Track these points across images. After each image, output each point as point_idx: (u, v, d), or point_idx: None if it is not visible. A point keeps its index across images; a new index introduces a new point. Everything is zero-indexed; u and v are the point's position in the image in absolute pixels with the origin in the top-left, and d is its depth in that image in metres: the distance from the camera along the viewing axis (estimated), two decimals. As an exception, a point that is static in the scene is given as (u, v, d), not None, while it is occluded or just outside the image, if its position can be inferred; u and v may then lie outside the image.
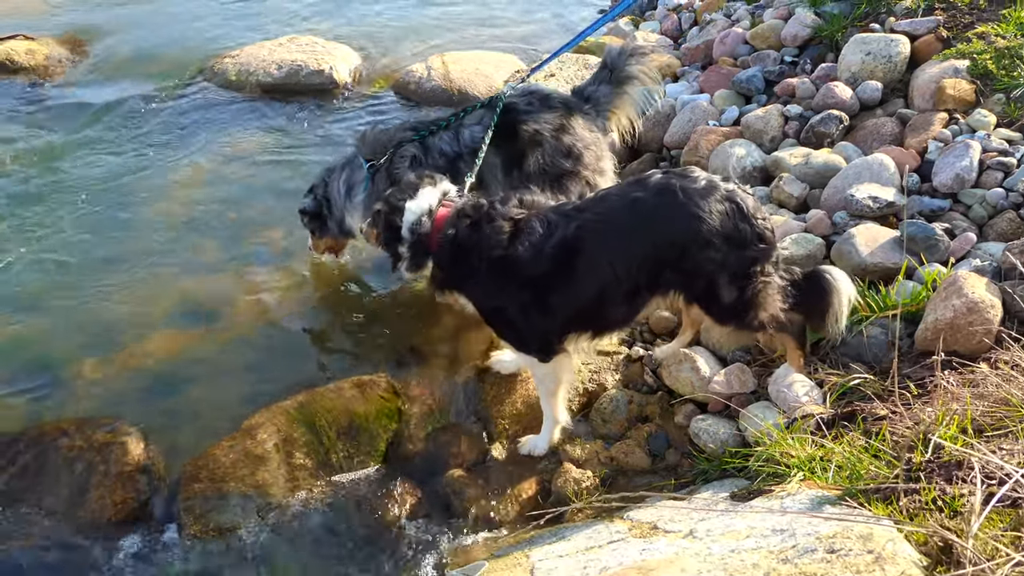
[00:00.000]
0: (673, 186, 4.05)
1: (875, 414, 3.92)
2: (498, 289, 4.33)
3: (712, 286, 4.16)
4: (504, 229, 4.21)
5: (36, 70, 8.69)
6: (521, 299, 4.29)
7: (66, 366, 5.19)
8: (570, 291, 4.22)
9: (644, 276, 4.18)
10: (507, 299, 4.35)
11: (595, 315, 4.35)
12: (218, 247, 6.19)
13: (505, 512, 4.48)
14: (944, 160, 5.23)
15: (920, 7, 6.48)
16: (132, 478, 4.55)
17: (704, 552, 3.09)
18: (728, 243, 4.04)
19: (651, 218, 4.09)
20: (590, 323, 4.40)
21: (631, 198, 4.14)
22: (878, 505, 3.11)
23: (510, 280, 4.25)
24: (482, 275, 4.29)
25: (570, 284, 4.20)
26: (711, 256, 4.05)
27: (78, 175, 7.04)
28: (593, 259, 4.15)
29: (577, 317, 4.35)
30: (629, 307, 4.34)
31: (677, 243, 4.08)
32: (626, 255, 4.14)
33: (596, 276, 4.18)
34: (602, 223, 4.13)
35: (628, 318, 4.50)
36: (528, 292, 4.25)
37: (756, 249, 4.11)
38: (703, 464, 4.39)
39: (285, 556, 4.33)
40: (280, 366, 5.22)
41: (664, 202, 4.06)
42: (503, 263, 4.20)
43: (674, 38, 8.59)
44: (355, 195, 5.39)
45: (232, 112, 7.96)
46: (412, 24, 9.76)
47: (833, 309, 4.24)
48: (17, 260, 6.05)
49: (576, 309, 4.30)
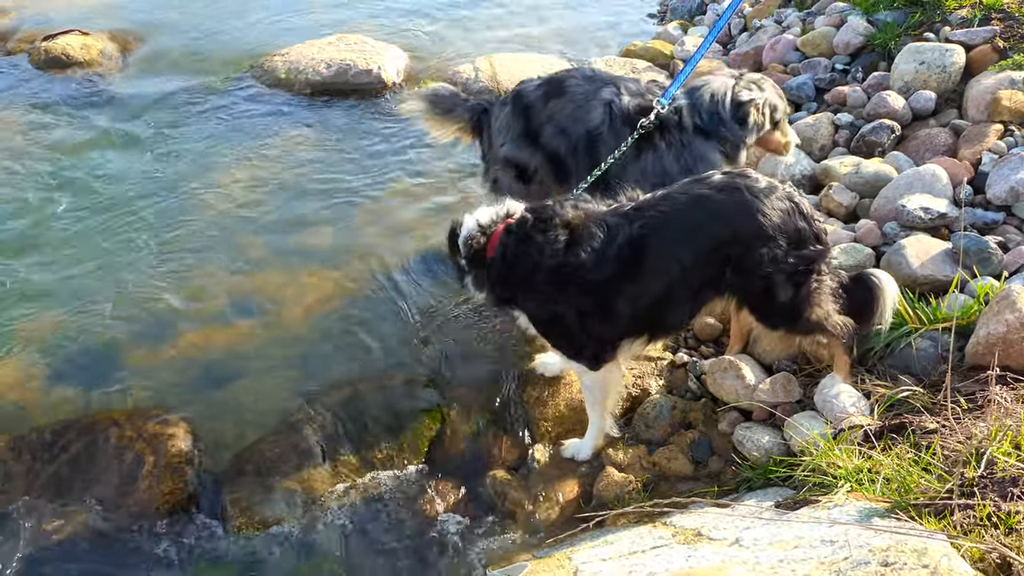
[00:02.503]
0: (738, 184, 4.10)
1: (925, 427, 3.87)
2: (554, 297, 4.27)
3: (770, 285, 4.18)
4: (559, 237, 4.17)
5: (90, 65, 8.82)
6: (580, 306, 4.26)
7: (117, 357, 5.28)
8: (636, 292, 4.21)
9: (709, 272, 4.21)
10: (564, 307, 4.29)
11: (657, 316, 4.36)
12: (266, 243, 6.26)
13: (546, 514, 4.48)
14: (999, 172, 5.17)
15: (976, 17, 6.39)
16: (180, 469, 4.61)
17: (752, 561, 3.07)
18: (789, 240, 4.09)
19: (718, 214, 4.12)
20: (651, 325, 4.40)
21: (696, 195, 4.15)
22: (929, 519, 3.08)
23: (568, 287, 4.21)
24: (538, 284, 4.23)
25: (636, 284, 4.19)
26: (773, 253, 4.08)
27: (128, 169, 7.16)
28: (660, 256, 4.16)
29: (639, 319, 4.33)
30: (691, 307, 4.38)
31: (742, 239, 4.10)
32: (694, 251, 4.16)
33: (663, 274, 4.20)
34: (668, 220, 4.14)
35: (686, 319, 4.55)
36: (588, 298, 4.23)
37: (814, 249, 4.17)
38: (746, 472, 4.36)
39: (328, 551, 4.36)
40: (326, 362, 5.27)
41: (730, 199, 4.09)
42: (560, 270, 4.16)
43: (723, 43, 8.55)
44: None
45: (282, 110, 8.03)
46: (460, 24, 9.79)
47: (879, 308, 4.32)
48: (69, 252, 6.16)
49: (641, 310, 4.28)
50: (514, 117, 5.29)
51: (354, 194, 6.80)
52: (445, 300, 5.74)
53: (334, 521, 4.48)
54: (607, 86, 5.12)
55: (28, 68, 8.82)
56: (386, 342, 5.50)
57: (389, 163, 7.22)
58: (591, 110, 5.07)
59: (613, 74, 5.45)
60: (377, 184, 6.93)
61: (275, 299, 5.73)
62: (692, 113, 4.98)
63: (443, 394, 5.08)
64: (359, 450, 4.77)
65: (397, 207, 6.63)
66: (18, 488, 4.56)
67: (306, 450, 4.72)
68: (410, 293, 5.84)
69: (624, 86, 5.12)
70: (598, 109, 5.06)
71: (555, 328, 4.43)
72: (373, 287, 5.88)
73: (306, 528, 4.45)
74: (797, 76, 6.96)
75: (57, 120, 7.83)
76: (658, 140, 4.98)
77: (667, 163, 4.98)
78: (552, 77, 5.35)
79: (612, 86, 5.12)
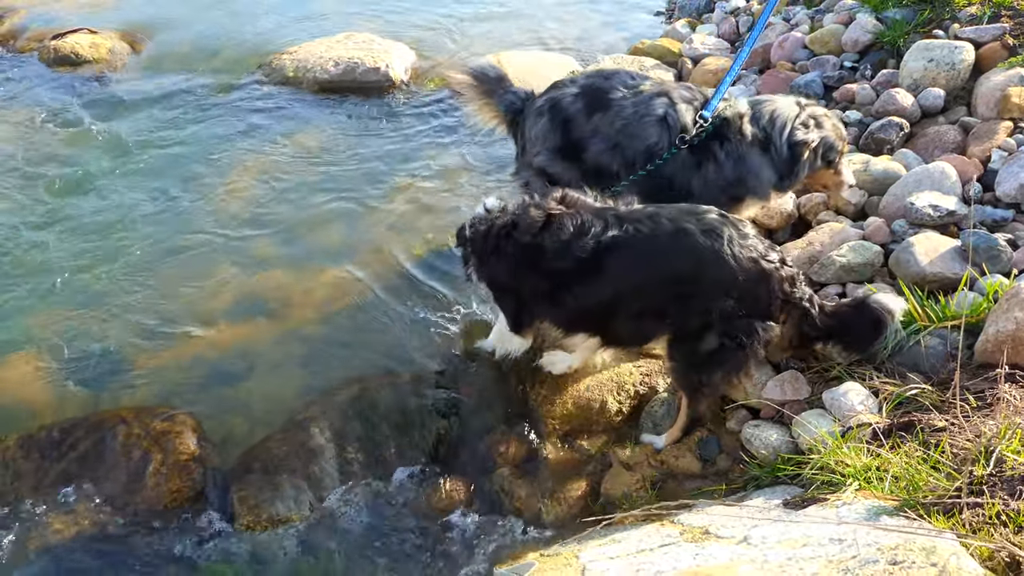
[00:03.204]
0: (722, 233, 4.19)
1: (933, 425, 3.85)
2: (514, 270, 4.59)
3: (702, 334, 4.30)
4: (535, 221, 4.44)
5: (99, 63, 8.85)
6: (534, 285, 4.56)
7: (124, 355, 5.30)
8: (583, 292, 4.44)
9: (656, 302, 4.38)
10: (520, 281, 4.62)
11: (602, 323, 4.58)
12: (274, 241, 6.28)
13: (554, 512, 4.48)
14: (1008, 170, 5.15)
15: (985, 14, 6.36)
16: (187, 467, 4.63)
17: (760, 559, 3.07)
18: (741, 304, 4.20)
19: (690, 253, 4.21)
20: (597, 329, 4.62)
21: (680, 227, 4.25)
22: (938, 518, 3.07)
23: (527, 264, 4.50)
24: (504, 255, 4.55)
25: (585, 285, 4.42)
26: (721, 307, 4.21)
27: (136, 168, 7.17)
28: (617, 268, 4.34)
29: (584, 319, 4.60)
30: (637, 328, 4.54)
31: (700, 283, 4.24)
32: (650, 276, 4.36)
33: (613, 285, 4.41)
34: (641, 238, 4.28)
35: (636, 340, 4.70)
36: (543, 281, 4.51)
37: (760, 322, 4.24)
38: (754, 470, 4.35)
39: (335, 549, 4.37)
40: (334, 360, 5.28)
41: (708, 244, 4.18)
42: (526, 249, 4.45)
43: (731, 41, 8.51)
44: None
45: (289, 108, 8.04)
46: (468, 22, 9.78)
47: (883, 335, 4.37)
48: (76, 250, 6.18)
49: (585, 311, 4.53)
50: (551, 129, 5.23)
51: (362, 192, 6.80)
52: (453, 298, 5.73)
53: (342, 519, 4.50)
54: (658, 97, 5.08)
55: (38, 66, 8.85)
56: (394, 340, 5.50)
57: (397, 161, 7.22)
58: (646, 127, 5.04)
59: (656, 80, 5.36)
60: (385, 182, 6.93)
61: (283, 297, 5.74)
62: (752, 123, 5.01)
63: (451, 392, 5.08)
64: (367, 448, 4.78)
65: (405, 205, 6.63)
66: (27, 486, 4.59)
67: (314, 448, 4.73)
68: (418, 291, 5.84)
69: (676, 95, 5.08)
70: (653, 126, 5.03)
71: (506, 297, 4.79)
72: (381, 285, 5.88)
73: (314, 526, 4.47)
74: (805, 74, 6.93)
75: (66, 118, 7.85)
76: (717, 150, 5.01)
77: (727, 172, 5.03)
78: (590, 86, 5.25)
79: (664, 97, 5.07)
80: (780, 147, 4.97)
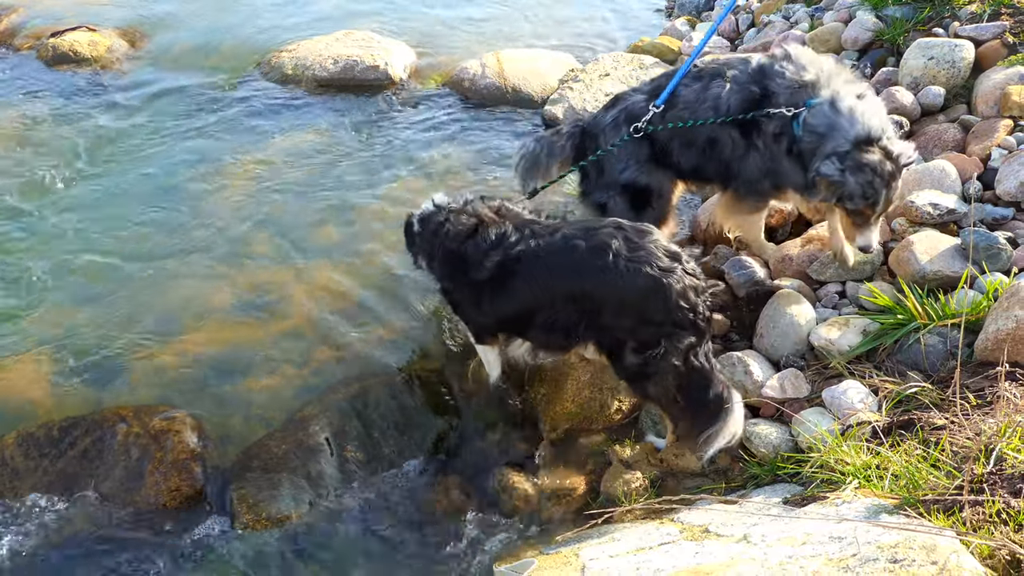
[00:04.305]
0: (610, 246, 4.13)
1: (933, 424, 3.85)
2: (446, 272, 4.69)
3: (618, 347, 4.32)
4: (466, 226, 4.53)
5: (98, 61, 8.82)
6: (461, 287, 4.64)
7: (124, 353, 5.29)
8: (496, 300, 4.50)
9: (563, 317, 4.37)
10: (450, 283, 4.73)
11: (520, 331, 4.65)
12: (272, 239, 6.25)
13: (554, 510, 4.49)
14: (1008, 168, 5.14)
15: (986, 12, 6.35)
16: (187, 466, 4.63)
17: (760, 557, 3.06)
18: (642, 317, 4.16)
19: (576, 269, 4.24)
20: (520, 334, 4.68)
21: (571, 244, 4.25)
22: (938, 516, 3.07)
23: (454, 268, 4.60)
24: (439, 258, 4.67)
25: (497, 294, 4.47)
26: (622, 323, 4.22)
27: (135, 167, 7.14)
28: (522, 281, 4.37)
29: (504, 324, 4.68)
30: (553, 338, 4.54)
31: (595, 299, 4.23)
32: (548, 292, 4.35)
33: (518, 298, 4.45)
34: (541, 253, 4.32)
35: (559, 346, 4.67)
36: (466, 285, 4.58)
37: (670, 330, 4.15)
38: (754, 468, 4.36)
39: (335, 547, 4.38)
40: (333, 358, 5.27)
41: (591, 259, 4.17)
42: (453, 254, 4.54)
43: (731, 39, 8.51)
44: None
45: (288, 106, 8.01)
46: (467, 20, 9.76)
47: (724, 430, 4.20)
48: (75, 249, 6.16)
49: (502, 317, 4.61)
50: (637, 144, 5.06)
51: (361, 190, 6.78)
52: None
53: (341, 517, 4.51)
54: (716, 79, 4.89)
55: (36, 64, 8.81)
56: (393, 338, 5.49)
57: (396, 159, 7.20)
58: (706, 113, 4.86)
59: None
60: (384, 180, 6.91)
61: (282, 295, 5.73)
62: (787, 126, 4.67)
63: (451, 391, 5.08)
64: (366, 446, 4.79)
65: (404, 203, 6.59)
66: (27, 483, 4.58)
67: (313, 446, 4.73)
68: (417, 289, 5.81)
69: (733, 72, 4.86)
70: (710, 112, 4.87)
71: (445, 296, 4.90)
72: (380, 283, 5.87)
73: (313, 524, 4.47)
74: (805, 72, 6.91)
75: (64, 117, 7.82)
76: (755, 138, 4.79)
77: (764, 161, 4.82)
78: (658, 87, 5.08)
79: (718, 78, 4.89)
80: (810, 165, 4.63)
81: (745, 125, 4.77)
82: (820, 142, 4.56)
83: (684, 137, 4.94)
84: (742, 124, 4.77)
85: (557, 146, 5.35)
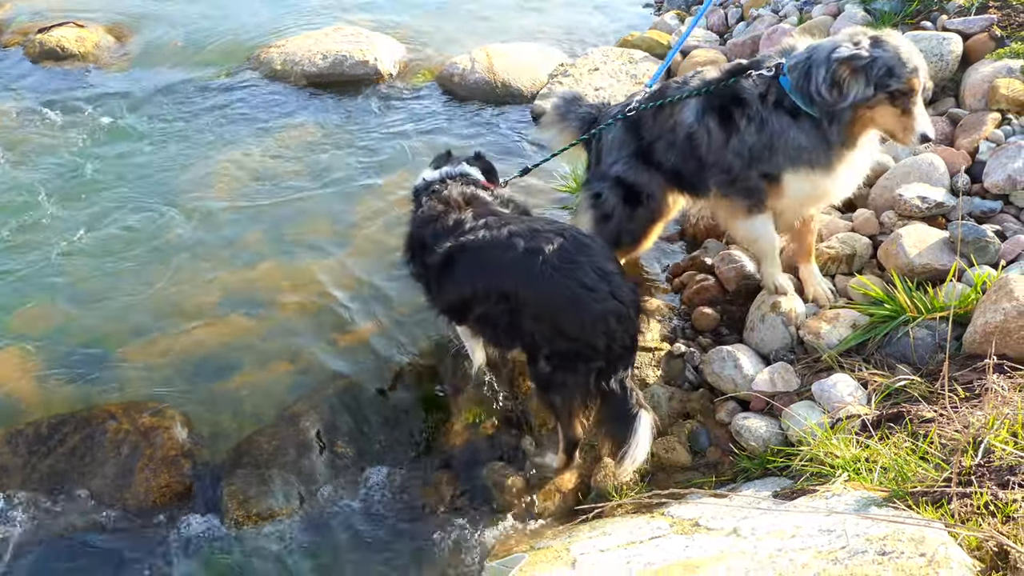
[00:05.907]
0: (541, 250, 4.06)
1: (922, 416, 3.86)
2: (414, 253, 4.68)
3: (532, 352, 4.29)
4: (433, 210, 4.52)
5: (85, 57, 8.81)
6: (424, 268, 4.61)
7: (113, 350, 5.27)
8: (442, 287, 4.53)
9: (495, 313, 4.32)
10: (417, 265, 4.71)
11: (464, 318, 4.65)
12: (263, 235, 6.25)
13: (545, 505, 4.49)
14: (996, 161, 5.15)
15: (973, 5, 6.37)
16: (176, 462, 4.62)
17: (750, 551, 3.07)
18: (555, 327, 4.10)
19: (507, 267, 4.17)
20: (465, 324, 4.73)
21: (507, 241, 4.19)
22: (927, 508, 3.08)
23: (418, 249, 4.61)
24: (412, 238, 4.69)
25: (443, 281, 4.49)
26: (535, 328, 4.17)
27: (124, 163, 7.13)
28: (464, 270, 4.34)
29: (453, 310, 4.66)
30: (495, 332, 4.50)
31: (517, 299, 4.19)
32: (482, 286, 4.32)
33: (459, 288, 4.44)
34: (485, 247, 4.25)
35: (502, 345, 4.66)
36: (426, 267, 4.57)
37: (581, 346, 4.08)
38: (744, 462, 4.36)
39: (326, 544, 4.37)
40: (323, 354, 5.26)
41: (518, 260, 4.12)
42: (419, 232, 4.58)
43: (720, 33, 8.52)
44: None
45: (277, 102, 8.01)
46: (456, 14, 9.76)
47: (630, 452, 4.11)
48: (65, 246, 6.14)
49: (449, 303, 4.62)
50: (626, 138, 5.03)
51: (350, 186, 6.78)
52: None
53: (332, 513, 4.50)
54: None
55: (23, 61, 8.81)
56: (384, 334, 5.47)
57: (385, 154, 7.19)
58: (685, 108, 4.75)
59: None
60: (374, 175, 6.91)
61: (272, 291, 5.71)
62: (777, 87, 4.39)
63: (441, 386, 5.07)
64: (357, 442, 4.78)
65: (394, 198, 6.60)
66: (15, 481, 4.57)
67: (304, 442, 4.72)
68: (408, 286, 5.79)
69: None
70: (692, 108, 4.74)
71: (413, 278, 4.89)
72: (370, 279, 5.86)
73: (304, 521, 4.47)
74: (794, 65, 6.92)
75: (52, 113, 7.79)
76: (738, 118, 4.51)
77: (750, 141, 4.49)
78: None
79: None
80: (817, 80, 4.16)
81: (725, 108, 4.57)
82: (809, 64, 4.23)
83: (668, 138, 4.85)
84: (721, 110, 4.58)
85: (577, 113, 5.39)
